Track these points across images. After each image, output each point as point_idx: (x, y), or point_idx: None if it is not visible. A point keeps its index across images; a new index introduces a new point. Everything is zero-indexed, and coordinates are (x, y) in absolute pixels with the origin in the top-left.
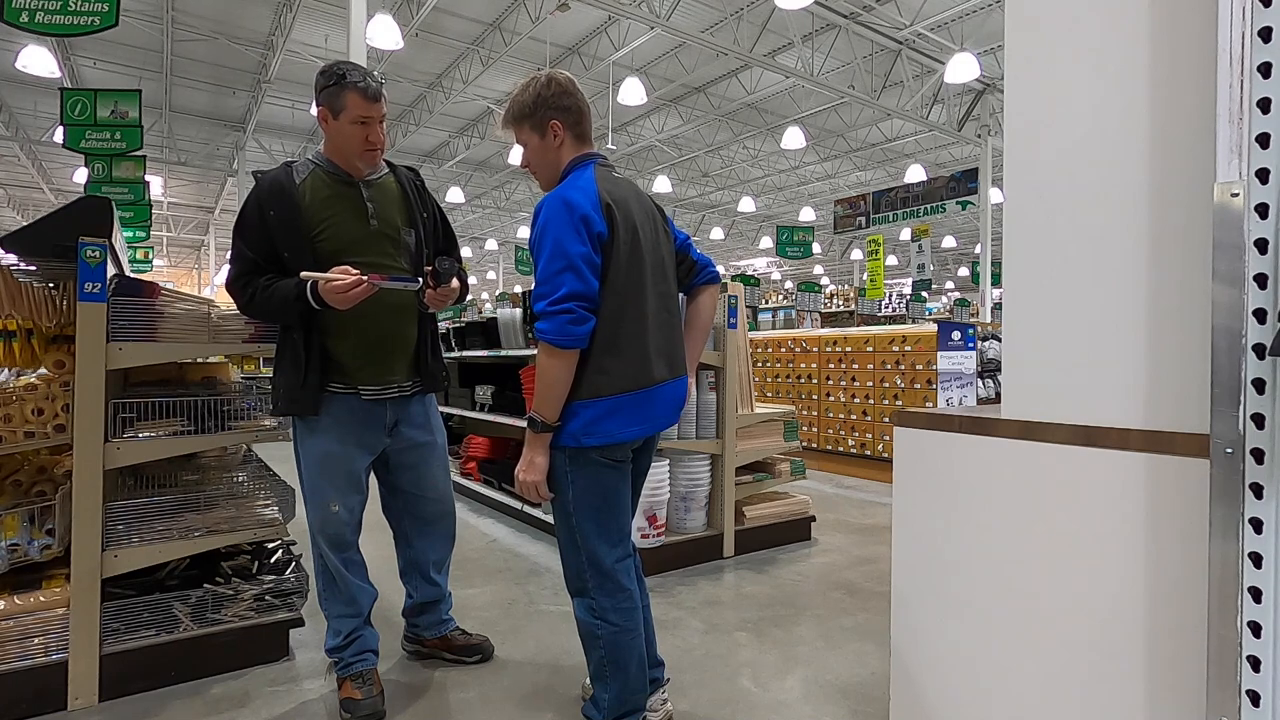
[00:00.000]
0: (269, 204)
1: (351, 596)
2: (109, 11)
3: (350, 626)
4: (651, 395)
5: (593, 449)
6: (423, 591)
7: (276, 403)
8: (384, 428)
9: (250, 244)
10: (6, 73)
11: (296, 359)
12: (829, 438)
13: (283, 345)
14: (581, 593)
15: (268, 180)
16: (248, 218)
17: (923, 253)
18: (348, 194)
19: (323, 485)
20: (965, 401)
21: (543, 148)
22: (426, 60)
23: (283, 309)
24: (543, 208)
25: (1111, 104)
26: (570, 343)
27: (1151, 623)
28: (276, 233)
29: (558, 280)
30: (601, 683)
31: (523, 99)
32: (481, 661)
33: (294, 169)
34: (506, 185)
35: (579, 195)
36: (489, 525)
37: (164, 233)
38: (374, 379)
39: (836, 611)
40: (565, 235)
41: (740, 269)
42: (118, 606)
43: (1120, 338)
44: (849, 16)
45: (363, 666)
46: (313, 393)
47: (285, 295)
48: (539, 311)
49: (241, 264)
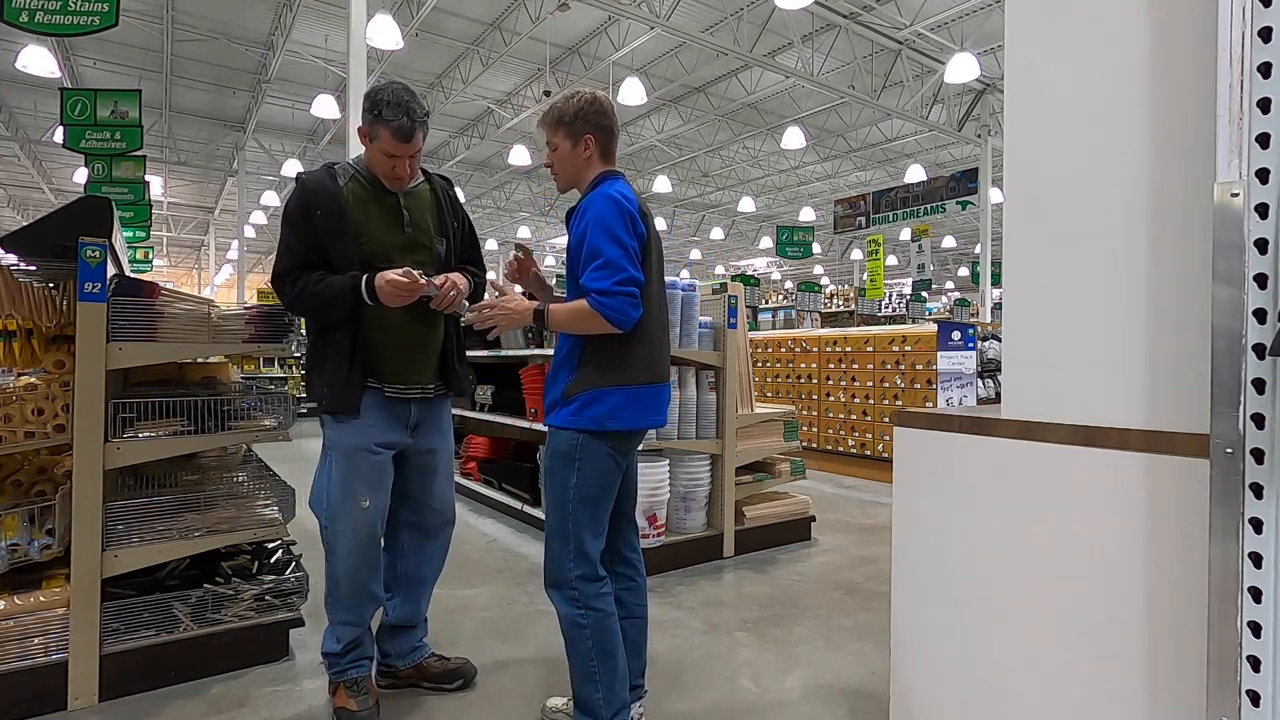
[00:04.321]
0: (315, 204)
1: (358, 605)
2: (109, 11)
3: (351, 635)
4: (660, 391)
5: (608, 438)
6: (401, 611)
7: (320, 400)
8: (407, 426)
9: (300, 240)
10: (6, 73)
11: (341, 355)
12: (829, 438)
13: (321, 343)
14: (561, 584)
15: (313, 181)
16: (295, 216)
17: (923, 253)
18: (385, 200)
19: (354, 481)
20: (965, 401)
21: (572, 155)
22: (426, 60)
23: (334, 302)
24: (593, 202)
25: (1112, 104)
26: (623, 324)
27: (1151, 623)
28: (323, 231)
29: (620, 263)
30: (591, 683)
31: (565, 108)
32: (463, 688)
33: (336, 172)
34: (506, 185)
35: (625, 198)
36: (489, 525)
37: (164, 233)
38: (401, 378)
39: (836, 611)
40: (620, 227)
41: (740, 269)
42: (118, 606)
43: (1120, 338)
44: (849, 16)
45: (358, 673)
46: (356, 390)
47: (342, 288)
48: (602, 289)
49: (291, 258)
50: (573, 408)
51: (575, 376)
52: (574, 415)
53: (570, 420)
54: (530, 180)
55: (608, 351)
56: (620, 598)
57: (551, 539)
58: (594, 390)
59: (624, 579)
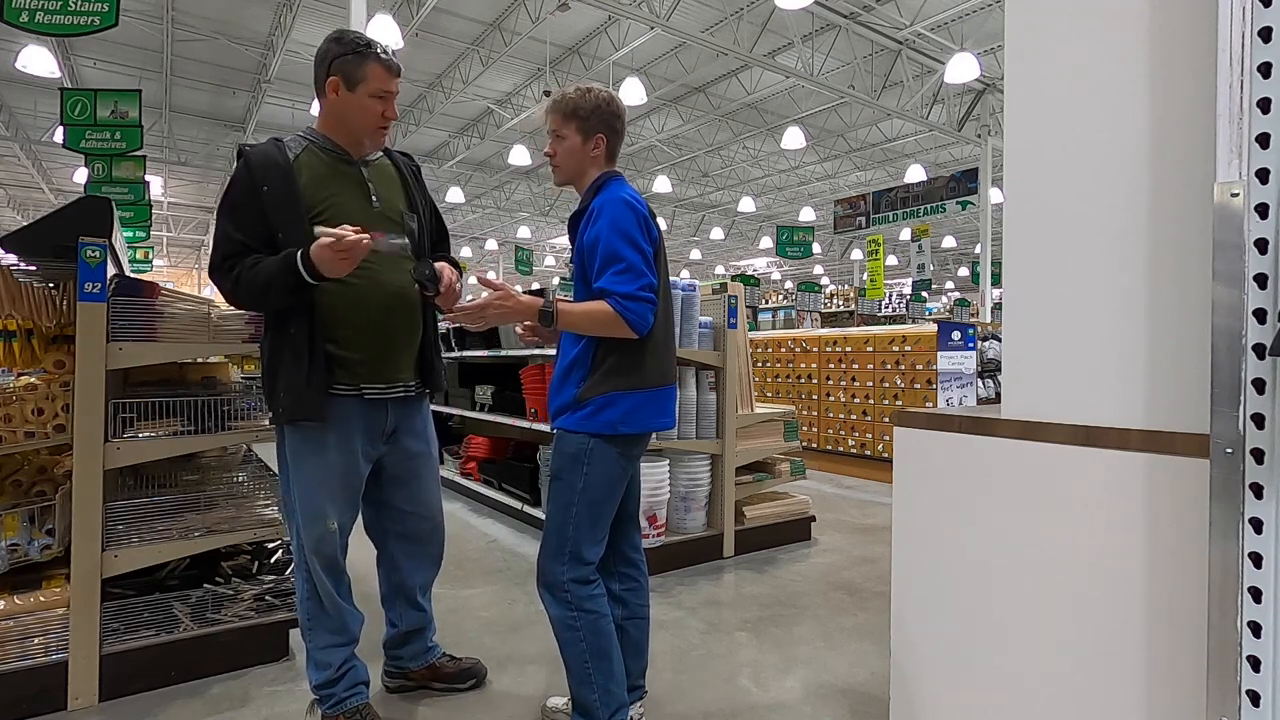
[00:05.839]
0: (262, 178)
1: (343, 623)
2: (109, 11)
3: (341, 657)
4: (669, 393)
5: (618, 442)
6: (408, 619)
7: (277, 408)
8: (383, 434)
9: (240, 224)
10: (6, 73)
11: (298, 355)
12: (829, 438)
13: (278, 341)
14: (553, 586)
15: (259, 154)
16: (237, 195)
17: (923, 253)
18: (347, 173)
19: (322, 501)
20: (965, 401)
21: (580, 150)
22: (426, 60)
23: (270, 287)
24: (607, 205)
25: (1112, 104)
26: (642, 328)
27: (1151, 623)
28: (272, 210)
29: (641, 267)
30: (587, 685)
31: (582, 102)
32: (475, 687)
33: (285, 145)
34: (506, 185)
35: (638, 201)
36: (489, 525)
37: (164, 233)
38: (379, 376)
39: (836, 611)
40: (637, 231)
41: (740, 269)
42: (118, 606)
43: (1120, 338)
44: (849, 16)
45: (357, 701)
46: (319, 393)
47: (271, 268)
48: (627, 293)
49: (228, 246)
50: (585, 412)
51: (589, 380)
52: (586, 419)
53: (582, 424)
54: (530, 180)
55: (622, 355)
56: (623, 598)
57: (548, 540)
58: (610, 394)
59: (627, 579)
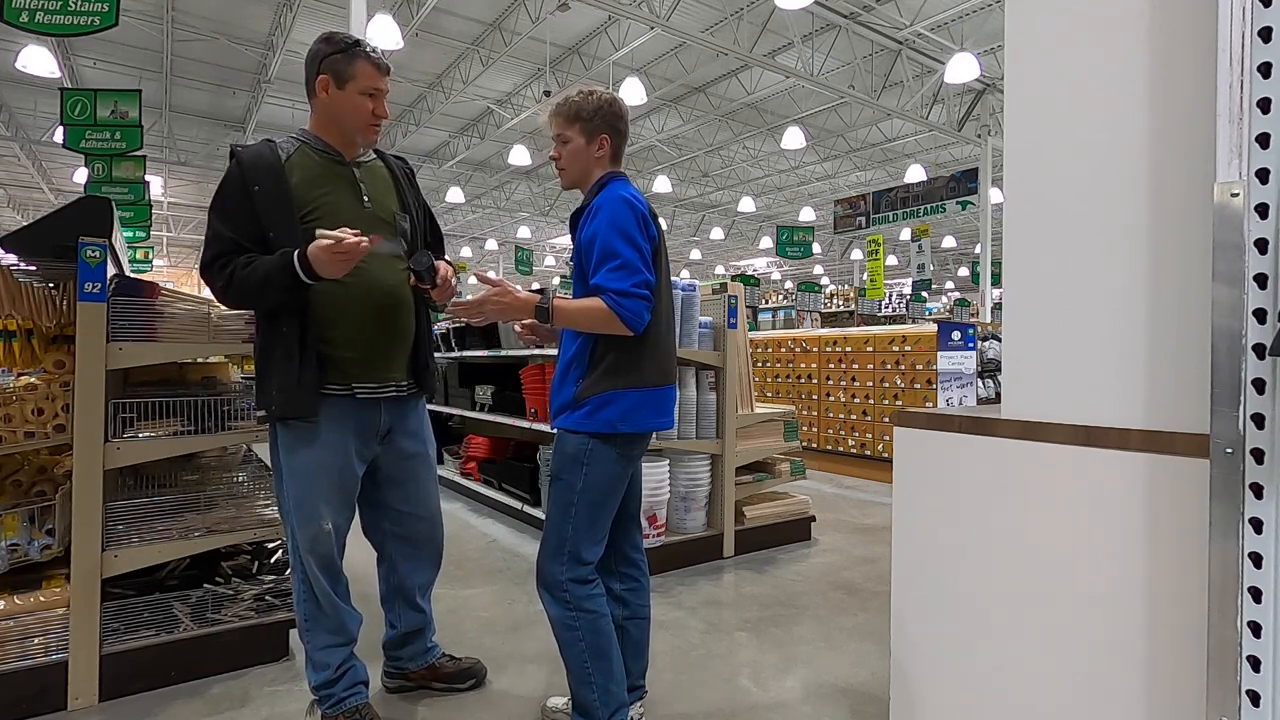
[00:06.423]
0: (254, 178)
1: (341, 623)
2: (109, 11)
3: (340, 657)
4: (669, 392)
5: (618, 441)
6: (407, 619)
7: (269, 406)
8: (376, 434)
9: (231, 223)
10: (6, 73)
11: (290, 353)
12: (829, 438)
13: (270, 340)
14: (552, 586)
15: (250, 154)
16: (229, 195)
17: (923, 253)
18: (340, 173)
19: (315, 501)
20: (965, 401)
21: (585, 152)
22: (426, 60)
23: (265, 285)
24: (606, 203)
25: (1112, 104)
26: (637, 325)
27: (1151, 623)
28: (264, 210)
29: (636, 264)
30: (586, 685)
31: (585, 104)
32: (475, 687)
33: (277, 145)
34: (506, 185)
35: (637, 199)
36: (489, 525)
37: (164, 233)
38: (372, 376)
39: (836, 611)
40: (635, 229)
41: (740, 269)
42: (118, 606)
43: (1120, 338)
44: (849, 16)
45: (357, 701)
46: (310, 392)
47: (271, 267)
48: (621, 289)
49: (220, 245)
50: (584, 411)
51: (588, 379)
52: (585, 419)
53: (581, 424)
54: (530, 180)
55: (621, 353)
56: (624, 597)
57: (547, 540)
58: (607, 393)
59: (628, 579)
